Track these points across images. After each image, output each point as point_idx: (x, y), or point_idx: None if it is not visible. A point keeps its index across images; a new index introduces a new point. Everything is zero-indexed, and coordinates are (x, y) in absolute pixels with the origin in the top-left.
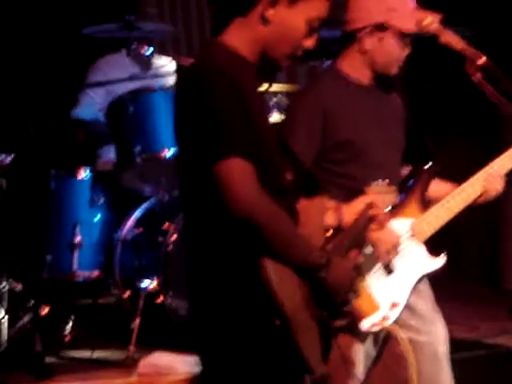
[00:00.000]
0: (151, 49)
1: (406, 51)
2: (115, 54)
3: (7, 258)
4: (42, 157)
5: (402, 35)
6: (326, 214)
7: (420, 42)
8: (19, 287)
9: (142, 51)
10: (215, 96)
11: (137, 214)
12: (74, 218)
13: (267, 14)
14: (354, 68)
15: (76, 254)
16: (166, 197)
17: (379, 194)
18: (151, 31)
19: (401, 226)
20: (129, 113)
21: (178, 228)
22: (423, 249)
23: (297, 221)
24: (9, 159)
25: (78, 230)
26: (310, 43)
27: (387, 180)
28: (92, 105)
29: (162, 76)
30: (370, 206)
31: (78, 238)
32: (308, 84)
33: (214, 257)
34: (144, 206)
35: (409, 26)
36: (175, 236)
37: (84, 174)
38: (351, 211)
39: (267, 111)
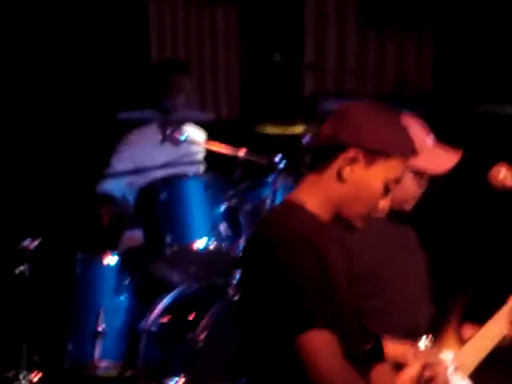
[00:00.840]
0: (185, 135)
1: (423, 188)
2: (146, 127)
3: (28, 346)
4: (68, 241)
5: (423, 174)
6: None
7: None
8: (38, 376)
9: (177, 136)
10: (295, 263)
11: (164, 302)
12: (98, 305)
13: (343, 173)
14: None
15: (99, 343)
16: (195, 286)
17: (428, 352)
18: (185, 117)
19: (445, 359)
20: (160, 200)
21: (208, 324)
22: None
23: None
24: (34, 244)
25: (101, 317)
26: (384, 204)
27: (430, 336)
28: (119, 179)
29: (196, 163)
30: (425, 367)
31: (101, 326)
32: None
33: None
34: (172, 294)
35: (433, 166)
36: (205, 333)
37: (110, 258)
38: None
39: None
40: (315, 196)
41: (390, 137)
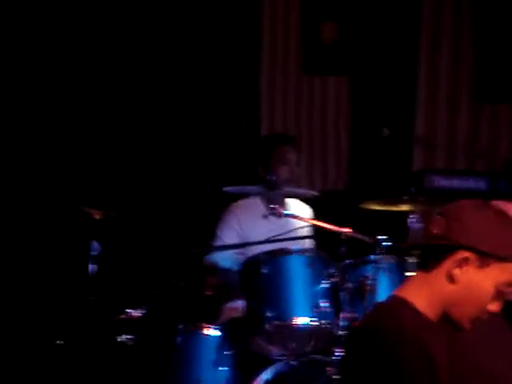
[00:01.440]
0: (289, 210)
1: None
2: (250, 199)
3: None
4: (171, 311)
5: None
6: None
7: None
8: None
9: (281, 211)
10: (403, 361)
11: (263, 377)
12: (198, 376)
13: (454, 274)
14: None
15: None
16: (294, 362)
17: None
18: (291, 192)
19: None
20: (263, 274)
21: None
22: None
23: None
24: (138, 313)
25: None
26: (495, 307)
27: None
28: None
29: (300, 238)
30: None
31: None
32: None
33: None
34: (271, 369)
35: None
36: None
37: (211, 330)
38: None
39: None
40: (423, 295)
41: (504, 239)
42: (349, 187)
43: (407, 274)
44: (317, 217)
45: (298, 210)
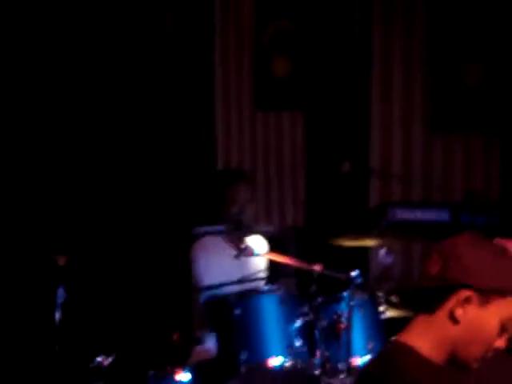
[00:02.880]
0: (259, 249)
1: None
2: (209, 238)
3: None
4: (141, 357)
5: None
6: None
7: None
8: None
9: (251, 250)
10: None
11: None
12: None
13: (456, 314)
14: None
15: None
16: None
17: None
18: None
19: None
20: (235, 316)
21: None
22: None
23: None
24: (108, 361)
25: None
26: (501, 343)
27: None
28: None
29: (272, 278)
30: None
31: None
32: None
33: None
34: None
35: None
36: None
37: (183, 375)
38: None
39: None
40: (427, 338)
41: (503, 273)
42: (307, 223)
43: (380, 309)
44: (279, 253)
45: (260, 246)
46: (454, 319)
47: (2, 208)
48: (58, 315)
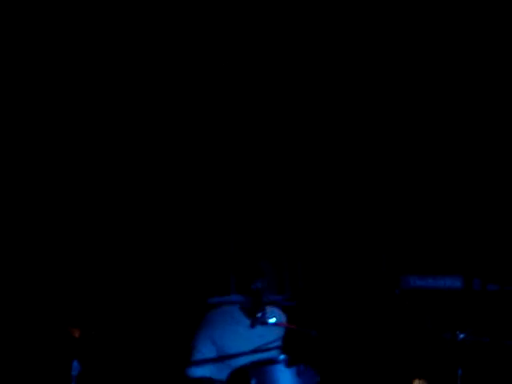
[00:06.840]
0: (275, 318)
1: None
2: (224, 307)
3: None
4: None
5: None
6: None
7: None
8: None
9: (267, 320)
10: None
11: None
12: None
13: None
14: None
15: None
16: None
17: None
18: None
19: None
20: None
21: None
22: None
23: None
24: None
25: None
26: None
27: None
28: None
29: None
30: None
31: None
32: None
33: None
34: None
35: None
36: None
37: None
38: None
39: None
40: None
41: None
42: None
43: None
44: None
45: (277, 316)
46: None
47: (18, 281)
48: None
